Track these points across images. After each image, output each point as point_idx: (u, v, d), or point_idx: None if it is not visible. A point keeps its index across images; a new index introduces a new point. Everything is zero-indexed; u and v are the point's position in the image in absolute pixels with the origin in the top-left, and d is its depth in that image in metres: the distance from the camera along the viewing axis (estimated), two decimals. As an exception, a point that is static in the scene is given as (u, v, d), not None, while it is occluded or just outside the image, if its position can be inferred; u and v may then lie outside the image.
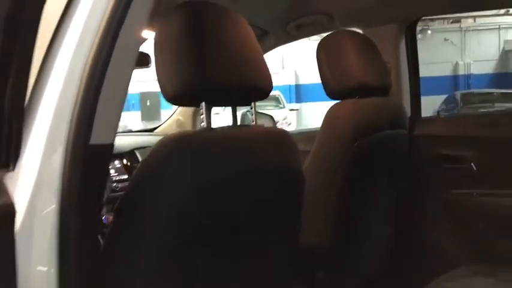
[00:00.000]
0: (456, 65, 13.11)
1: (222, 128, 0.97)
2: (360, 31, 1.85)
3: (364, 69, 1.48)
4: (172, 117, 2.54)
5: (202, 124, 0.92)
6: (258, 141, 1.00)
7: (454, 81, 13.03)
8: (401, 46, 1.86)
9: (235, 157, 0.92)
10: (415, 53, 1.91)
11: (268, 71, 1.03)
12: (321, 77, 1.49)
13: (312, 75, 10.89)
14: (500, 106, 10.11)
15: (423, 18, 2.05)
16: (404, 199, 1.77)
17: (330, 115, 1.46)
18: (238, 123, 1.09)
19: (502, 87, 11.59)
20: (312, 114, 10.93)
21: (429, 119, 1.97)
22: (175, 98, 0.89)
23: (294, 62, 11.52)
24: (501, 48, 13.09)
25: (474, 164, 1.77)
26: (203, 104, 0.90)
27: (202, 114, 0.91)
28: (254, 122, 1.09)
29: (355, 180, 1.45)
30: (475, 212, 1.78)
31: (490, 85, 12.35)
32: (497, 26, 12.66)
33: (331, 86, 1.48)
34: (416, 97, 1.91)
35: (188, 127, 2.46)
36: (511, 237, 1.69)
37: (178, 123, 2.52)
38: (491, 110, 9.36)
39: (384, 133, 1.54)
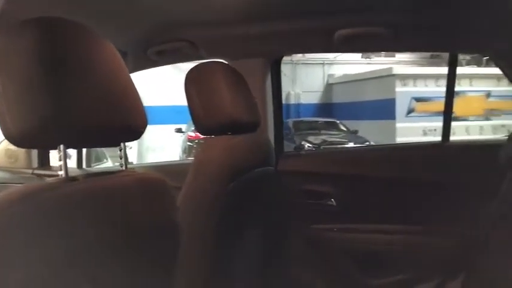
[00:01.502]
0: (288, 95, 14.16)
1: (85, 176, 0.77)
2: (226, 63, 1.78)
3: (236, 104, 1.39)
4: (1, 145, 2.13)
5: (61, 173, 0.72)
6: (131, 193, 0.83)
7: (287, 109, 14.02)
8: (267, 81, 1.84)
9: (104, 216, 0.74)
10: (280, 89, 1.91)
11: (143, 107, 0.87)
12: (190, 111, 1.36)
13: (156, 98, 10.64)
14: (325, 133, 11.14)
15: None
16: (273, 237, 1.72)
17: (202, 154, 1.33)
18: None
19: (326, 116, 12.84)
20: (155, 138, 10.64)
21: (293, 155, 1.99)
22: (22, 140, 0.67)
23: (138, 83, 11.12)
24: (325, 81, 14.57)
25: (335, 199, 1.82)
26: (61, 147, 0.71)
27: (60, 159, 0.72)
28: (124, 167, 0.92)
29: (229, 224, 1.34)
30: (336, 246, 1.82)
31: (316, 114, 13.60)
32: (322, 62, 14.07)
33: (202, 122, 1.35)
34: (280, 132, 1.90)
35: (21, 159, 2.09)
36: (372, 272, 1.76)
37: (9, 153, 2.13)
38: (351, 145, 10.07)
39: (256, 171, 1.47)
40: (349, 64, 13.70)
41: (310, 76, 14.32)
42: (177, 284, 0.99)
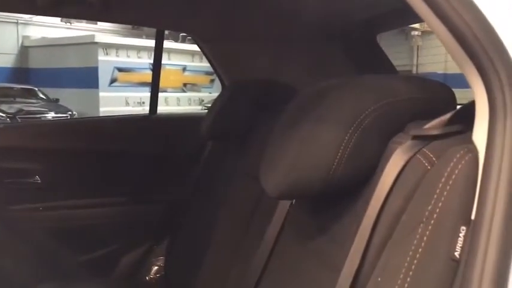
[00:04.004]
0: (-29, 56, 12.10)
1: None
2: None
3: None
4: None
5: None
6: None
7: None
8: None
9: None
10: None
11: None
12: None
13: None
14: (21, 101, 10.13)
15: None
16: None
17: None
18: None
19: (21, 82, 11.59)
20: None
21: (-14, 129, 1.71)
22: None
23: None
24: (20, 43, 13.04)
25: (40, 176, 1.67)
26: None
27: None
28: None
29: None
30: (40, 227, 1.69)
31: (10, 79, 12.11)
32: (16, 21, 12.50)
33: None
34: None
35: None
36: (82, 248, 1.71)
37: None
38: (51, 115, 9.44)
39: None
40: (48, 27, 12.63)
41: (1, 36, 12.55)
42: None
